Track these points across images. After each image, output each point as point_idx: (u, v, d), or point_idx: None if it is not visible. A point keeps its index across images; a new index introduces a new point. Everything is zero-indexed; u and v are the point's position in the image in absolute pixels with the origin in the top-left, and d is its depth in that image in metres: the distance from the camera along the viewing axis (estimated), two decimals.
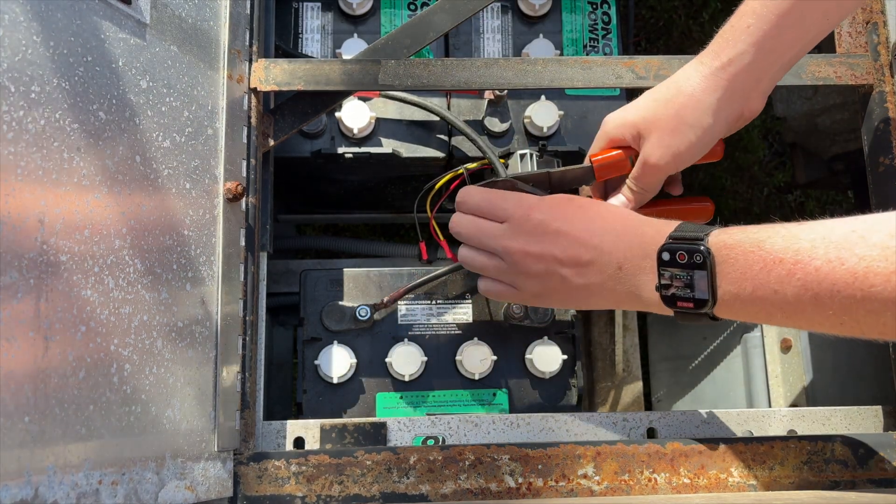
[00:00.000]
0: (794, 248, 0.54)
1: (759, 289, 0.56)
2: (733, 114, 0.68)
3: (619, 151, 0.74)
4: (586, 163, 0.75)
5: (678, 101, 0.68)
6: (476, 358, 0.83)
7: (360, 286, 0.85)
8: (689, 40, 1.61)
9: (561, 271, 0.66)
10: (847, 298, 0.51)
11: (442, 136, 0.94)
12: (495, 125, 0.93)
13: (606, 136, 0.74)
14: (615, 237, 0.64)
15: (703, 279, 0.59)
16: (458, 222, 0.73)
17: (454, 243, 0.78)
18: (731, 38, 0.65)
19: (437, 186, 0.84)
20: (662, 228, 0.63)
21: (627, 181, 0.73)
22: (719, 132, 0.69)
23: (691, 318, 0.61)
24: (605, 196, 0.77)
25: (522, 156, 0.90)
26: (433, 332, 0.84)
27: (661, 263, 0.61)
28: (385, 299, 0.83)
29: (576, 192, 0.77)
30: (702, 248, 0.59)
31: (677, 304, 0.61)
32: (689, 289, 0.59)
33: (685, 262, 0.59)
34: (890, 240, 0.50)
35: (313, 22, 0.97)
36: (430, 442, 0.76)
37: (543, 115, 0.92)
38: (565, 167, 0.77)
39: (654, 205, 0.75)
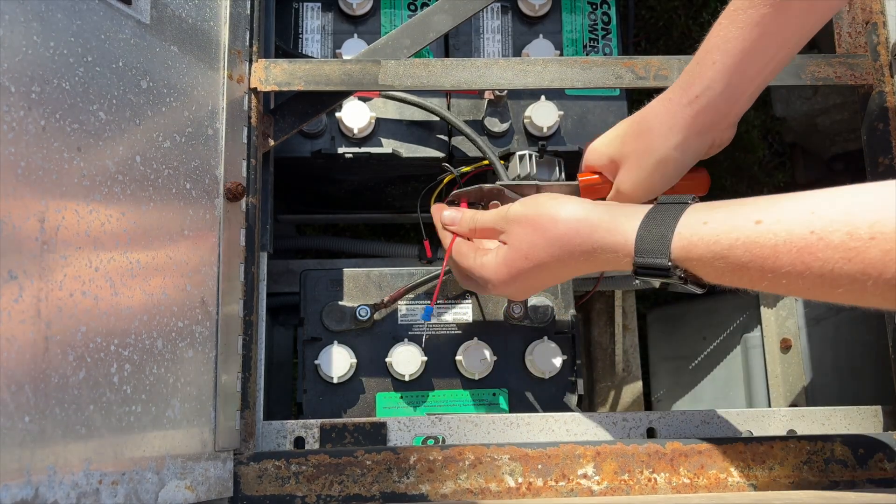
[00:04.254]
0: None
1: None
2: (703, 146, 0.70)
3: (599, 176, 0.76)
4: (573, 181, 0.77)
5: (647, 138, 0.70)
6: (476, 358, 0.83)
7: (360, 286, 0.85)
8: (689, 40, 1.61)
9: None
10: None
11: (442, 137, 0.94)
12: (495, 125, 0.93)
13: (586, 161, 0.77)
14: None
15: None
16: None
17: None
18: (699, 74, 0.67)
19: (439, 188, 0.84)
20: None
21: None
22: (689, 164, 0.71)
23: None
24: None
25: (522, 157, 0.90)
26: (433, 332, 0.84)
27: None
28: (385, 299, 0.83)
29: None
30: (672, 273, 0.59)
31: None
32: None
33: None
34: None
35: (313, 22, 0.97)
36: (430, 442, 0.76)
37: (543, 115, 0.92)
38: (553, 182, 0.78)
39: None
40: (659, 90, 0.73)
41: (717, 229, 0.56)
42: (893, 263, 0.48)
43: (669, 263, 0.58)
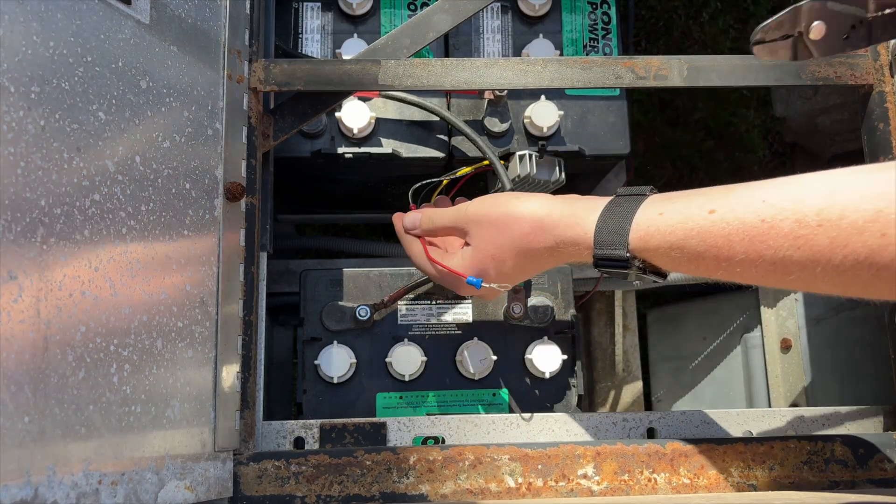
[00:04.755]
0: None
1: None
2: None
3: None
4: None
5: None
6: (476, 358, 0.83)
7: (360, 286, 0.85)
8: (689, 40, 1.61)
9: None
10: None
11: (442, 137, 0.94)
12: (495, 125, 0.93)
13: None
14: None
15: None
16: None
17: None
18: None
19: (438, 190, 0.85)
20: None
21: None
22: None
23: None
24: None
25: (522, 157, 0.90)
26: (433, 332, 0.84)
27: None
28: (385, 299, 0.83)
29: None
30: (630, 264, 0.60)
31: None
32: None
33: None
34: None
35: (313, 22, 0.97)
36: (430, 442, 0.76)
37: (543, 115, 0.92)
38: None
39: None
40: (659, 90, 0.72)
41: (672, 220, 0.57)
42: (840, 250, 0.49)
43: (627, 255, 0.59)
